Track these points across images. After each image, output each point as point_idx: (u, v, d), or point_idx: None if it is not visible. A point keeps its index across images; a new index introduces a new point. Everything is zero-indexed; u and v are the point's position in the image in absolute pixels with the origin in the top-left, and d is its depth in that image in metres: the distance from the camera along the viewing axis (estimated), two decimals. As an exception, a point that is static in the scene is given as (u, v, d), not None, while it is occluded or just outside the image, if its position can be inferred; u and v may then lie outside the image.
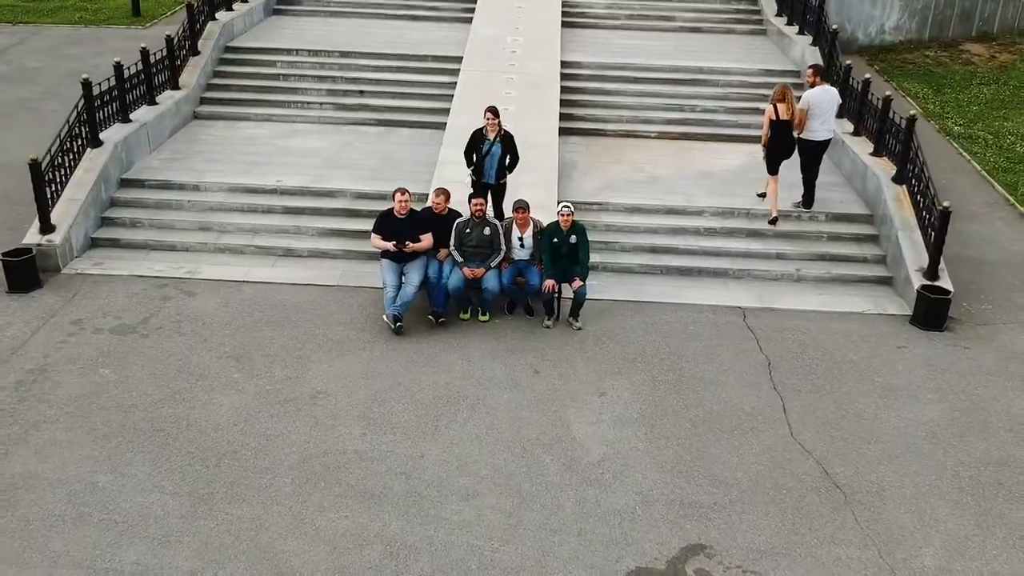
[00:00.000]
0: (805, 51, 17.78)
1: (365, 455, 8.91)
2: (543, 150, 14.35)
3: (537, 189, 13.15)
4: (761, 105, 15.64)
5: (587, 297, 11.21)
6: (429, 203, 11.50)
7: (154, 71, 15.26)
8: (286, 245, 12.90)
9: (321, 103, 16.80)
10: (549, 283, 10.96)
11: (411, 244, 11.05)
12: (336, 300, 11.74)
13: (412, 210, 11.30)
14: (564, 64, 17.43)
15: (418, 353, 10.63)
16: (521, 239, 11.25)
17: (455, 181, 12.87)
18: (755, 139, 14.90)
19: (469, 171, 12.25)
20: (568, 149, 15.55)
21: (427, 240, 11.24)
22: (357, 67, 17.48)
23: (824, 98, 13.45)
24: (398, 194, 11.15)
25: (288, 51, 17.72)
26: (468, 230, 11.20)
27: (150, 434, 9.12)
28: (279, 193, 13.77)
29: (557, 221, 11.15)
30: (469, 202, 11.25)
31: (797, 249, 13.14)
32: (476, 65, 17.11)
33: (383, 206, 12.09)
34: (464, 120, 15.22)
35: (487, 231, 11.19)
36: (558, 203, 11.58)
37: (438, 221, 11.37)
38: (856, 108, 15.09)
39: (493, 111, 12.02)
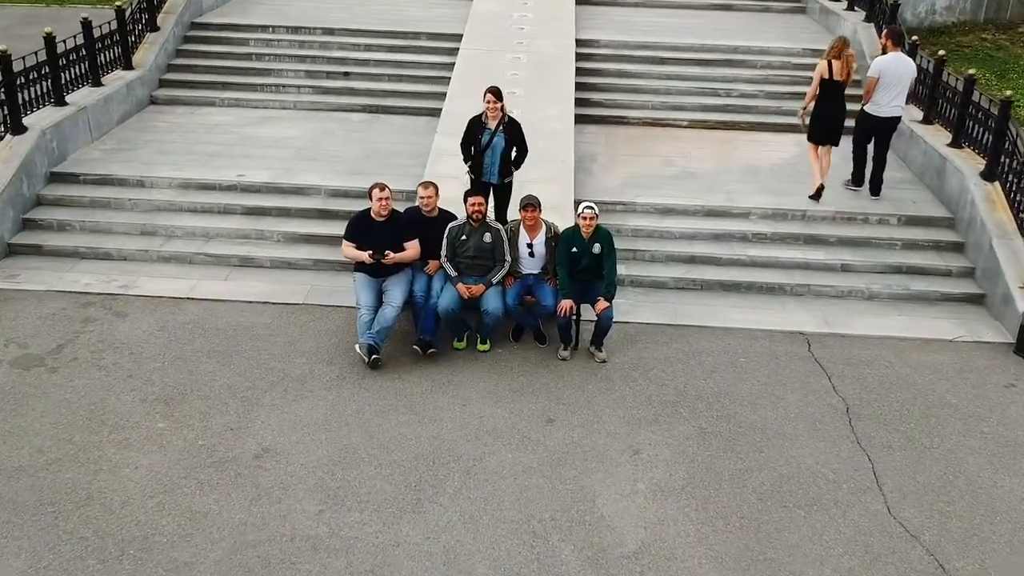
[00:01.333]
0: (857, 28, 15.43)
1: (320, 543, 6.61)
2: (556, 140, 12.05)
3: (550, 186, 10.84)
4: (806, 89, 13.27)
5: (613, 321, 8.88)
6: (416, 202, 9.17)
7: (100, 47, 12.98)
8: (244, 253, 10.61)
9: (299, 86, 14.51)
10: (566, 304, 8.64)
11: (392, 255, 8.74)
12: (300, 323, 9.44)
13: (394, 211, 8.99)
14: (579, 43, 15.11)
15: (398, 395, 8.32)
16: (530, 247, 8.92)
17: (451, 176, 10.58)
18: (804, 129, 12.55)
19: (467, 168, 9.91)
20: (585, 139, 13.24)
21: (412, 249, 8.93)
22: (343, 46, 15.18)
23: (899, 67, 11.19)
24: (376, 191, 8.84)
25: (264, 28, 15.42)
26: (463, 236, 8.88)
27: (35, 511, 6.82)
28: (240, 190, 11.48)
29: (576, 225, 8.83)
30: (464, 201, 8.92)
31: (866, 259, 10.79)
32: (478, 43, 14.80)
33: (362, 206, 9.84)
34: (462, 105, 12.89)
35: (487, 238, 8.87)
36: (577, 203, 9.21)
37: (427, 224, 9.07)
38: (926, 92, 12.75)
39: (495, 92, 9.69)
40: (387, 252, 8.68)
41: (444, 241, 8.93)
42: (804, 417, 8.24)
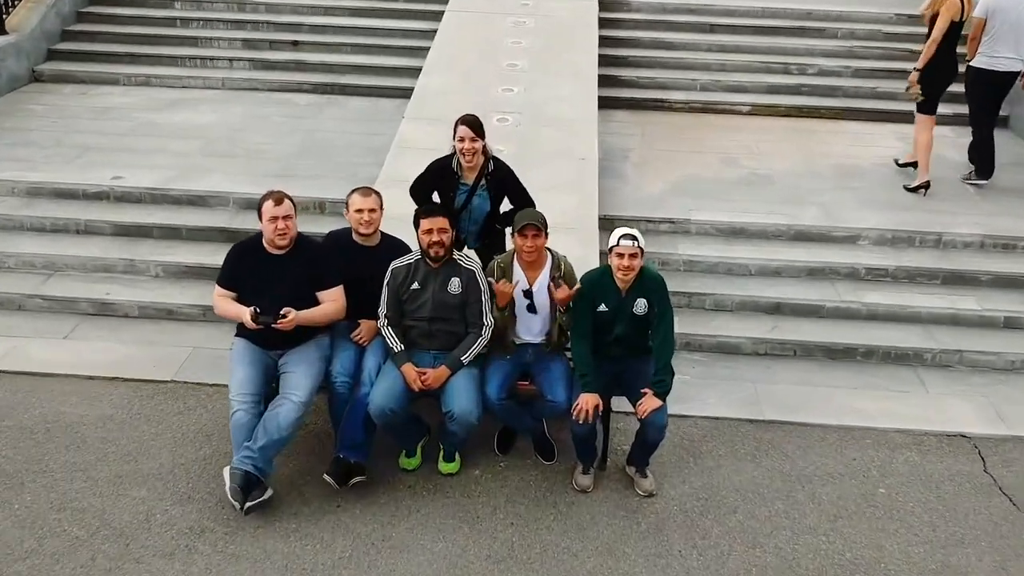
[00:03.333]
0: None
1: None
2: (572, 130, 8.45)
3: (563, 195, 7.27)
4: (906, 65, 9.61)
5: (667, 422, 5.22)
6: (346, 220, 5.55)
7: (-51, 1, 9.48)
8: (101, 295, 7.06)
9: (233, 59, 10.93)
10: (587, 403, 5.02)
11: (293, 315, 5.10)
12: (159, 416, 5.88)
13: (302, 239, 5.36)
14: (603, 5, 11.46)
15: (293, 568, 4.71)
16: (530, 297, 5.30)
17: (410, 179, 7.00)
18: (908, 117, 8.94)
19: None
20: (613, 129, 9.63)
21: (331, 304, 5.33)
22: (295, 8, 11.58)
23: (1018, 7, 7.78)
24: (269, 205, 5.22)
25: (196, -15, 11.84)
26: (415, 284, 5.26)
27: None
28: (112, 199, 7.92)
29: (606, 268, 5.21)
30: (416, 225, 5.27)
31: (1041, 309, 7.13)
32: (470, 2, 11.18)
33: None
34: (440, 80, 9.35)
35: (455, 285, 5.25)
36: (605, 224, 5.46)
37: (360, 259, 5.48)
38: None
39: (471, 125, 5.73)
40: (284, 311, 5.06)
41: (384, 290, 5.31)
42: (1016, 619, 4.59)
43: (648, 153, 9.14)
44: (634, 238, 5.05)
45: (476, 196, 5.81)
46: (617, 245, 5.05)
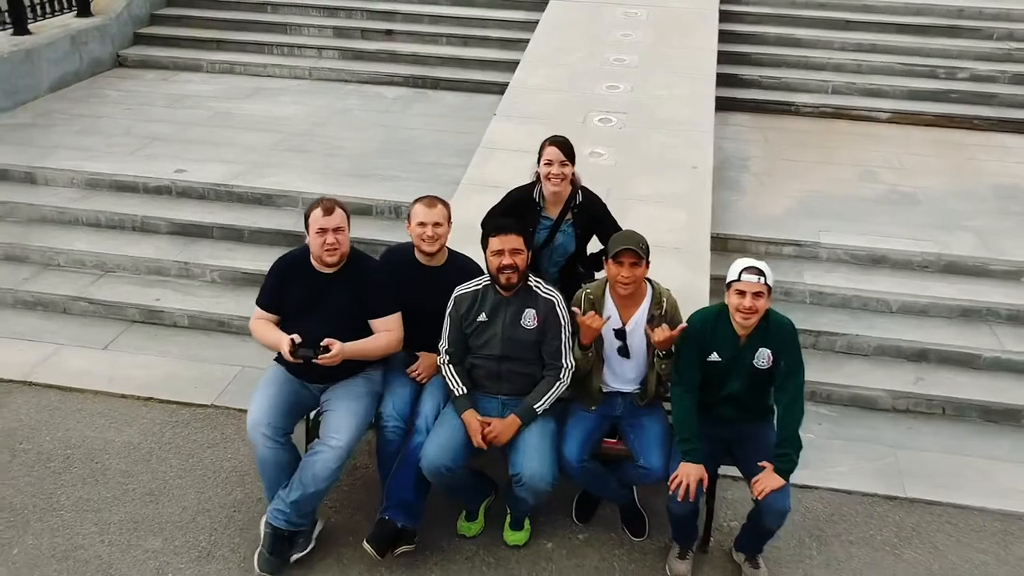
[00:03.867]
0: None
1: None
2: (685, 134, 7.43)
3: (669, 210, 6.29)
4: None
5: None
6: (408, 235, 4.65)
7: (30, -20, 9.05)
8: (151, 301, 6.39)
9: (322, 48, 10.24)
10: (688, 475, 4.02)
11: (338, 347, 4.22)
12: (193, 447, 5.14)
13: (356, 256, 4.49)
14: (725, -4, 10.38)
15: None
16: (623, 338, 4.31)
17: (505, 187, 6.13)
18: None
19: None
20: (730, 134, 8.55)
21: (388, 335, 4.44)
22: (390, -4, 10.85)
23: None
24: (318, 214, 4.35)
25: (291, -30, 11.22)
26: (483, 315, 4.34)
27: None
28: (174, 194, 7.28)
29: (722, 307, 4.18)
30: (484, 246, 4.34)
31: None
32: (578, -8, 10.26)
33: (361, 226, 5.75)
34: (538, 75, 8.46)
35: (530, 319, 4.31)
36: (732, 263, 4.36)
37: (422, 280, 4.59)
38: None
39: (561, 147, 4.77)
40: (327, 342, 4.20)
41: (446, 321, 4.41)
42: None
43: (770, 163, 8.03)
44: (760, 273, 4.02)
45: (560, 233, 4.86)
46: (738, 280, 4.03)
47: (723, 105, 8.60)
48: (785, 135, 8.70)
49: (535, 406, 4.26)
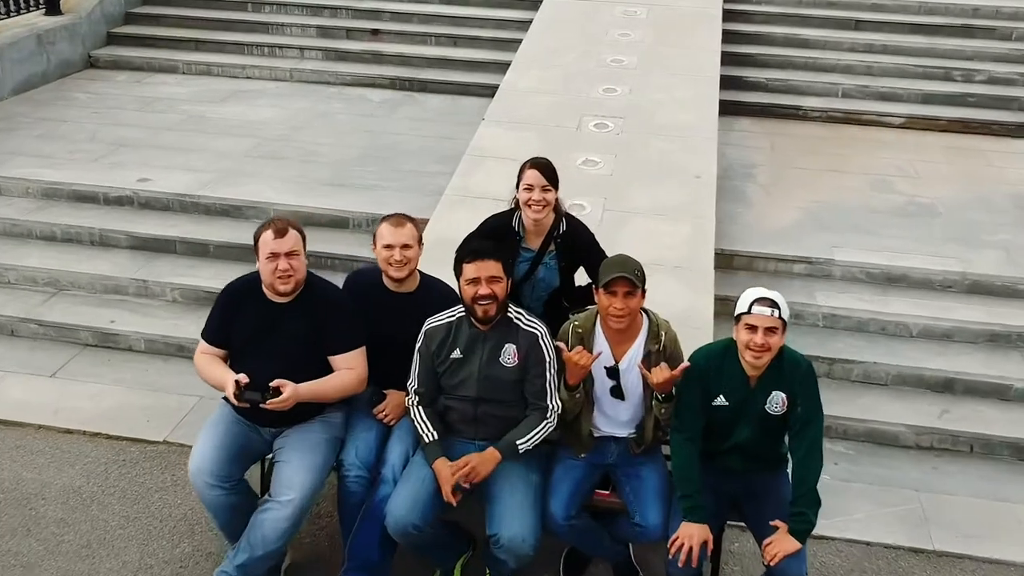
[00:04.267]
0: None
1: None
2: (687, 141, 6.93)
3: (671, 223, 5.79)
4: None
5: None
6: (374, 256, 4.11)
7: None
8: (106, 323, 5.88)
9: (304, 48, 9.73)
10: (691, 537, 3.50)
11: (291, 389, 3.69)
12: (141, 492, 4.65)
13: (313, 283, 3.96)
14: (729, -6, 9.87)
15: None
16: (615, 376, 3.79)
17: (490, 198, 5.67)
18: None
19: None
20: (735, 140, 8.04)
21: (347, 374, 3.91)
22: (377, -7, 10.34)
23: None
24: (269, 236, 3.83)
25: (274, -34, 10.71)
26: (457, 350, 3.80)
27: None
28: (136, 205, 6.77)
29: (729, 343, 3.66)
30: (457, 272, 3.81)
31: None
32: (573, -11, 9.74)
33: (337, 240, 5.30)
34: (530, 77, 7.96)
35: (509, 355, 3.78)
36: (743, 294, 3.83)
37: (390, 309, 4.07)
38: None
39: (542, 169, 4.19)
40: (277, 384, 3.68)
41: (416, 358, 3.88)
42: None
43: (778, 171, 7.52)
44: (774, 305, 3.51)
45: (542, 265, 4.33)
46: (748, 313, 3.51)
47: (727, 109, 8.09)
48: (793, 141, 8.19)
49: (518, 442, 3.74)
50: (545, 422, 3.79)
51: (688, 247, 5.67)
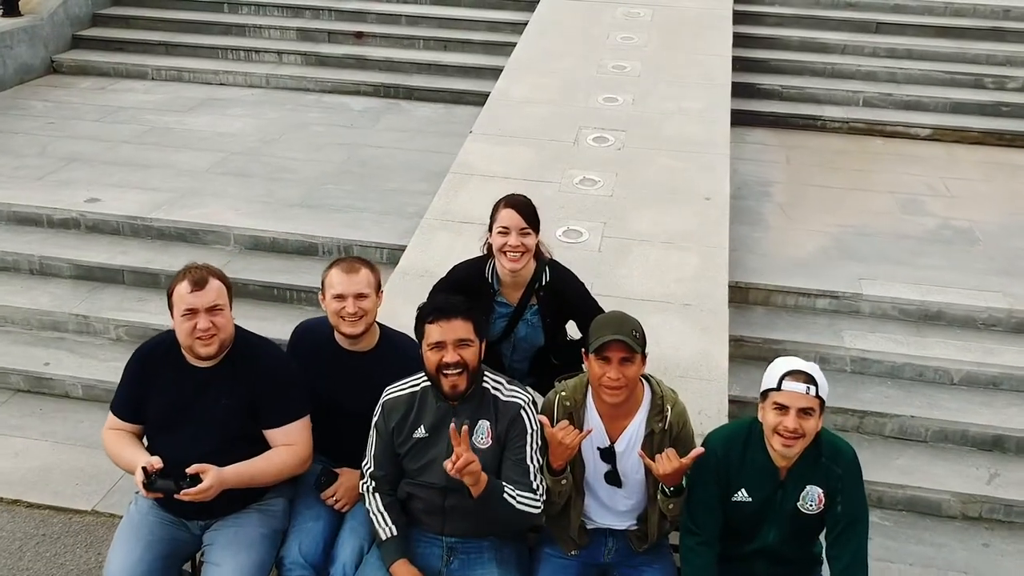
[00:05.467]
0: None
1: None
2: (697, 157, 6.24)
3: (679, 252, 5.12)
4: None
5: None
6: (323, 308, 3.41)
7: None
8: (38, 366, 5.18)
9: (282, 52, 9.04)
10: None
11: (210, 477, 3.01)
12: (65, 571, 3.93)
13: (243, 341, 3.27)
14: (739, -4, 9.17)
15: None
16: (610, 459, 3.12)
17: (474, 222, 5.05)
18: None
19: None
20: (748, 154, 7.36)
21: (285, 451, 3.22)
22: (362, -7, 9.66)
23: None
24: (184, 289, 3.12)
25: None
26: (420, 428, 3.12)
27: None
28: (83, 229, 6.08)
29: (752, 423, 2.97)
30: (419, 332, 3.11)
31: None
32: (573, -11, 9.05)
33: (303, 269, 4.85)
34: (523, 85, 7.29)
35: (483, 431, 3.10)
36: (771, 364, 3.13)
37: (345, 369, 3.38)
38: None
39: (518, 208, 3.50)
40: (197, 469, 2.99)
41: (372, 435, 3.19)
42: None
43: (796, 189, 6.83)
44: (810, 380, 2.82)
45: (523, 322, 3.65)
46: (777, 390, 2.83)
47: (738, 119, 7.41)
48: (811, 155, 7.49)
49: (504, 492, 3.01)
50: (536, 502, 3.08)
51: (698, 281, 4.97)
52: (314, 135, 7.54)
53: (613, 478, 3.15)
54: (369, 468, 3.20)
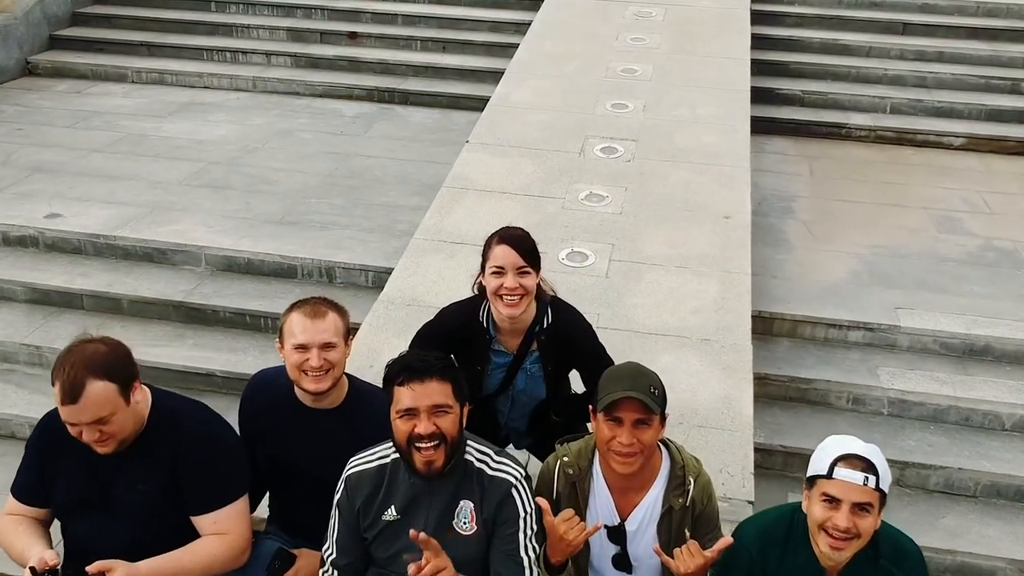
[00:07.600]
0: None
1: None
2: (714, 170, 5.71)
3: (695, 279, 4.57)
4: None
5: None
6: (283, 359, 2.87)
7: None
8: (-21, 405, 4.67)
9: (271, 53, 8.52)
10: None
11: (117, 573, 2.46)
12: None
13: (165, 405, 2.72)
14: (757, -4, 8.62)
15: None
16: (620, 539, 2.61)
17: (469, 242, 4.54)
18: None
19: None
20: (768, 165, 6.80)
21: (216, 541, 2.68)
22: (356, -9, 9.12)
23: None
24: (59, 379, 2.50)
25: (243, -39, 9.51)
26: (390, 510, 2.59)
27: None
28: (41, 247, 5.57)
29: (795, 510, 2.42)
30: (388, 395, 2.57)
31: None
32: (579, -13, 8.51)
33: (279, 294, 4.42)
34: (525, 90, 6.76)
35: (465, 514, 2.57)
36: (820, 447, 2.58)
37: (305, 430, 2.85)
38: None
39: (516, 244, 2.96)
40: (97, 567, 2.44)
41: (333, 516, 2.66)
42: None
43: (821, 205, 6.28)
44: (869, 468, 2.27)
45: (522, 372, 3.11)
46: (828, 477, 2.28)
47: (757, 127, 6.86)
48: (836, 166, 6.94)
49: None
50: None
51: (719, 312, 4.44)
52: (300, 143, 7.01)
53: (623, 563, 2.62)
54: (331, 555, 2.66)
